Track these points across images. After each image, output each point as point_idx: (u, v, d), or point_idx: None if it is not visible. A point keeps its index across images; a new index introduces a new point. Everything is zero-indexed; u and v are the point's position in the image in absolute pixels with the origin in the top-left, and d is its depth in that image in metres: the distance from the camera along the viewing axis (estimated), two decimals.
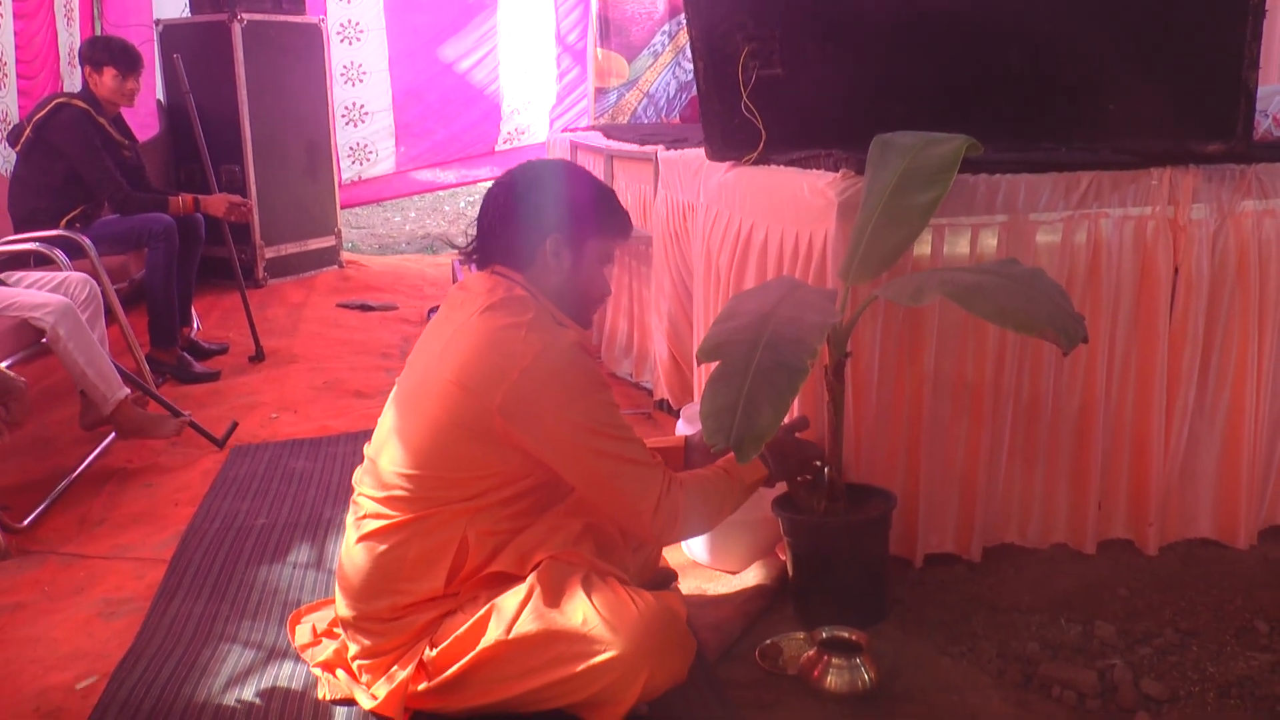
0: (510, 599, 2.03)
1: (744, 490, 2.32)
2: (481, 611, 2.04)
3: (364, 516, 2.14)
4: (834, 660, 2.27)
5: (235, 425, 3.98)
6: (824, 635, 2.35)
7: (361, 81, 7.74)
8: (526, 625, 1.98)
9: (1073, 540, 2.88)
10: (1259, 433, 2.89)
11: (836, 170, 2.66)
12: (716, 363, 2.11)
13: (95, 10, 6.57)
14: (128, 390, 3.66)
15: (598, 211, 2.22)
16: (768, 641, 2.44)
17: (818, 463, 2.50)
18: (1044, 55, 2.85)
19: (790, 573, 2.61)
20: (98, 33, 6.37)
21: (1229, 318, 2.82)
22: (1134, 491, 2.88)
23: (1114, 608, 2.59)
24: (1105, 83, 2.81)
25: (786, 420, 2.47)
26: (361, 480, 2.21)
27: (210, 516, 3.27)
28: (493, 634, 2.00)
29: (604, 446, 2.05)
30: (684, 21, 6.86)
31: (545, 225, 2.16)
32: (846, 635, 2.35)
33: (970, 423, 2.73)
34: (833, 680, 2.26)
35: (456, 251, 2.34)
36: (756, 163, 3.08)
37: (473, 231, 2.27)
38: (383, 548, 2.09)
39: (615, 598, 2.01)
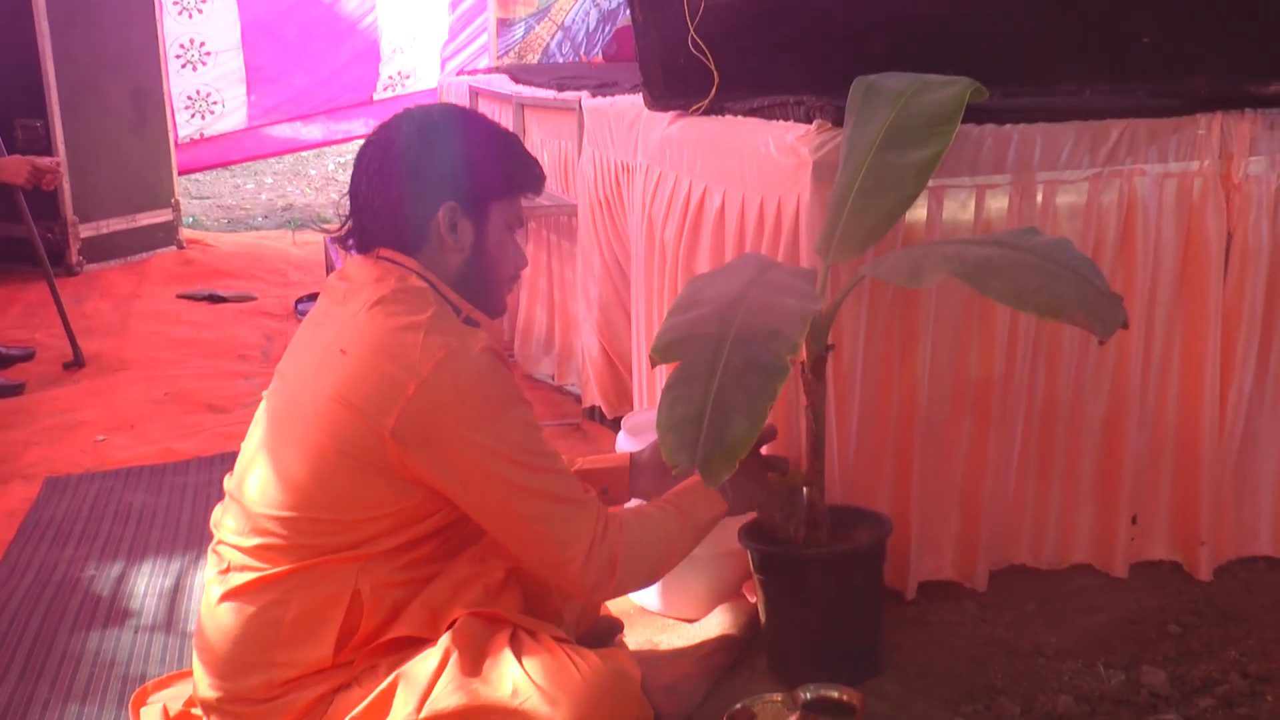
0: (420, 667, 1.98)
1: (696, 529, 2.29)
2: (385, 684, 1.99)
3: (228, 569, 2.08)
4: None
5: None
6: (807, 695, 2.33)
7: (201, 12, 7.61)
8: (444, 700, 1.93)
9: (1099, 561, 2.92)
10: None
11: (809, 121, 2.65)
12: (674, 364, 2.09)
13: None
14: None
15: (499, 164, 2.18)
16: (738, 705, 2.41)
17: (785, 479, 2.49)
18: None
19: (763, 618, 2.60)
20: None
21: None
22: (1179, 503, 2.92)
23: (1163, 648, 2.62)
24: (1138, 10, 2.83)
25: None
26: (222, 523, 2.15)
27: (19, 570, 3.17)
28: (401, 712, 1.95)
29: (522, 479, 2.01)
30: None
31: (435, 192, 2.11)
32: (835, 695, 2.33)
33: (974, 427, 2.75)
34: None
35: (326, 233, 2.29)
36: (708, 112, 3.06)
37: (346, 206, 2.22)
38: (253, 608, 2.03)
39: (552, 660, 1.98)
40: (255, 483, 2.08)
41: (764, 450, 2.50)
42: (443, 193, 2.12)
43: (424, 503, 2.04)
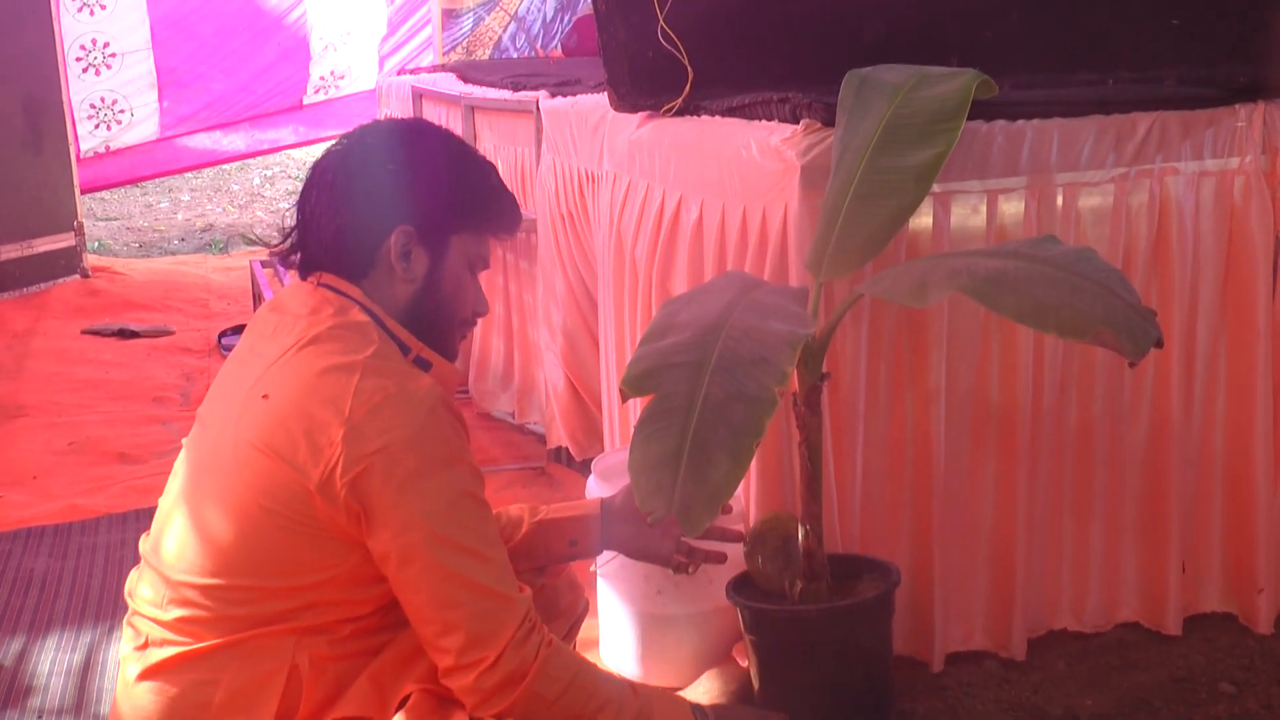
0: None
1: None
2: None
3: (145, 645, 2.07)
4: None
5: None
6: None
7: (104, 9, 7.61)
8: None
9: (1148, 618, 2.92)
10: None
11: (796, 120, 2.66)
12: (649, 398, 2.09)
13: None
14: None
15: (467, 193, 2.17)
16: None
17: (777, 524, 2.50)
18: None
19: (756, 684, 2.60)
20: None
21: None
22: (1232, 546, 2.93)
23: (1215, 709, 2.62)
24: None
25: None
26: (138, 591, 2.14)
27: None
28: None
29: (445, 557, 1.97)
30: None
31: (389, 212, 2.11)
32: None
33: (1000, 465, 2.76)
34: None
35: (260, 249, 2.28)
36: (681, 112, 3.07)
37: (290, 222, 2.22)
38: (177, 689, 2.02)
39: None
40: (173, 545, 2.07)
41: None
42: (398, 215, 2.10)
43: (362, 567, 2.01)
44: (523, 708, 2.00)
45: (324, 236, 2.13)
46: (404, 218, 2.11)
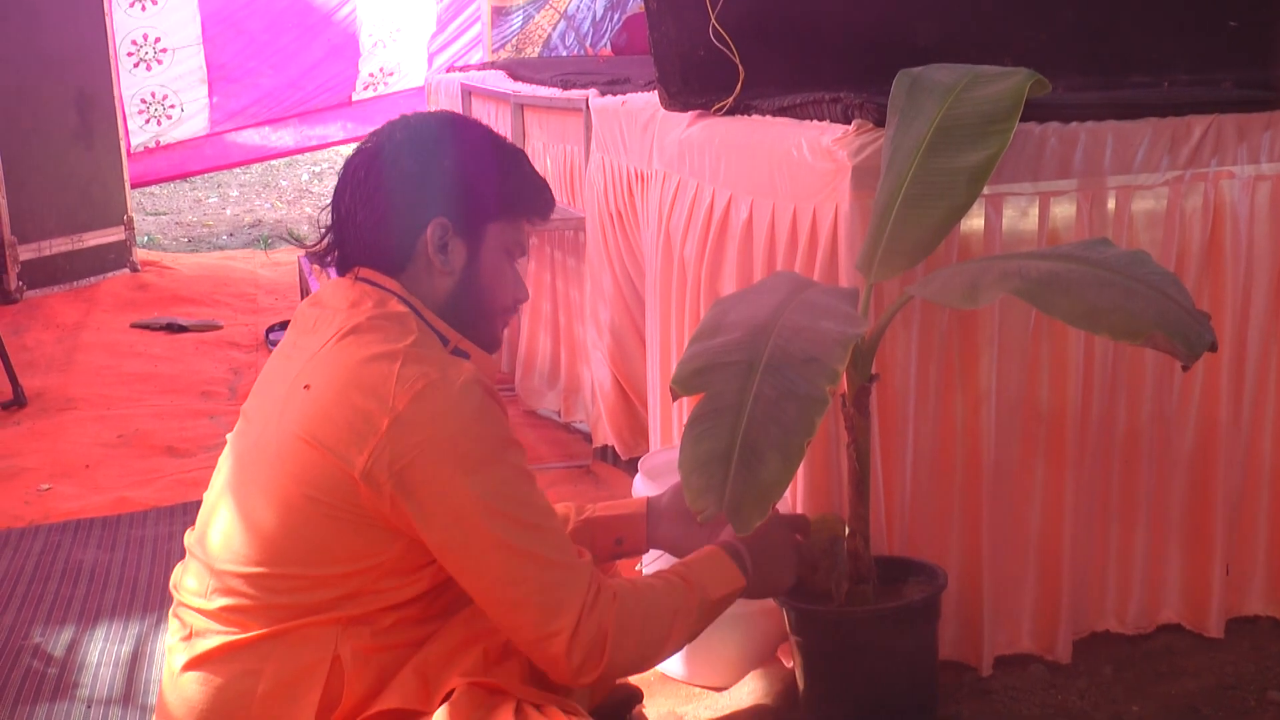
0: None
1: (706, 606, 2.23)
2: None
3: (191, 635, 2.09)
4: None
5: None
6: None
7: (155, 4, 7.67)
8: None
9: (1190, 620, 2.91)
10: None
11: (847, 121, 2.67)
12: (698, 397, 2.10)
13: None
14: None
15: (500, 181, 2.19)
16: None
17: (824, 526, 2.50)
18: None
19: (801, 685, 2.60)
20: None
21: None
22: (1277, 550, 2.93)
23: (1265, 718, 2.61)
24: None
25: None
26: (184, 583, 2.16)
27: None
28: None
29: (505, 534, 1.99)
30: None
31: (425, 206, 2.12)
32: None
33: (1048, 469, 2.75)
34: None
35: (302, 248, 2.29)
36: (732, 111, 3.08)
37: (326, 220, 2.23)
38: (221, 679, 2.03)
39: None
40: (218, 536, 2.09)
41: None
42: (434, 208, 2.12)
43: (406, 555, 2.03)
44: (610, 664, 2.05)
45: (360, 234, 2.15)
46: (438, 210, 2.12)
